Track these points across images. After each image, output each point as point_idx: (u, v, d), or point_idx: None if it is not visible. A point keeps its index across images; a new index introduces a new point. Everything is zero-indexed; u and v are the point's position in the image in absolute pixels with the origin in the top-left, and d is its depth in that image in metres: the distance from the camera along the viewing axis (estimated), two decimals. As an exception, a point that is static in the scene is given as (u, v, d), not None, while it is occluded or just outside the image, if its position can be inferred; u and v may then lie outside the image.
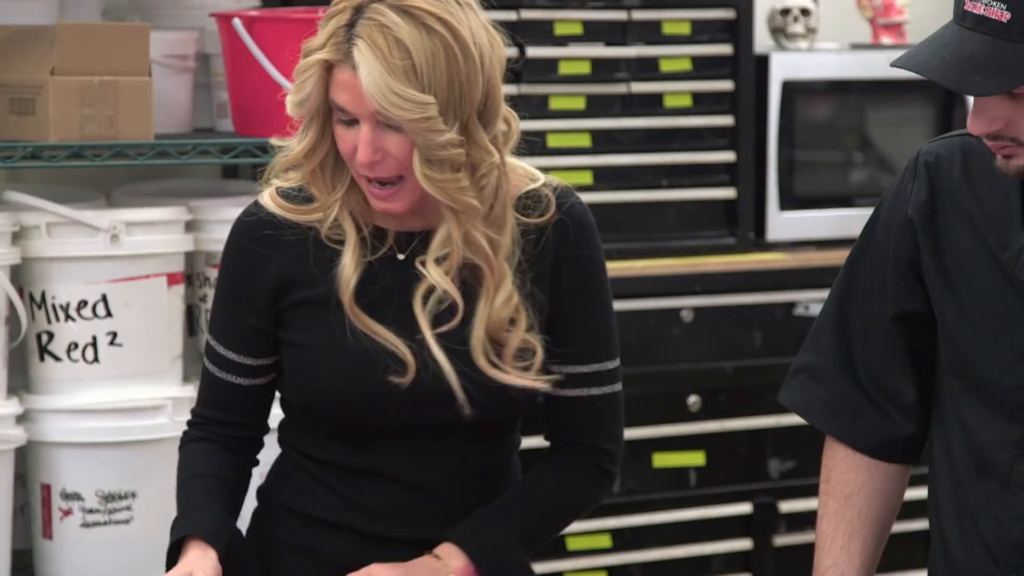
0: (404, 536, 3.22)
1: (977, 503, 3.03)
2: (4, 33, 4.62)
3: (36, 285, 4.56)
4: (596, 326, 3.27)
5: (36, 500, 4.60)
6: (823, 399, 3.23)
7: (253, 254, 3.22)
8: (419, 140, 3.06)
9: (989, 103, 2.85)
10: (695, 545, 5.34)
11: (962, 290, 3.04)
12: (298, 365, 3.22)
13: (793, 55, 5.53)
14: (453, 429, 3.19)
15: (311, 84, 3.09)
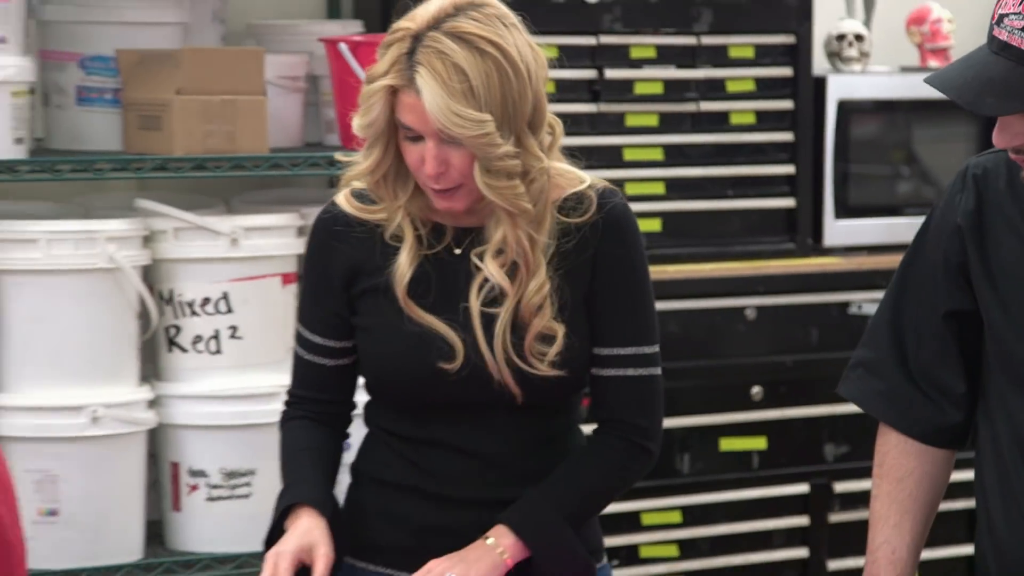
0: (469, 497, 3.23)
1: (1021, 487, 3.02)
2: (133, 57, 4.65)
3: (164, 284, 4.61)
4: (634, 313, 3.25)
5: (166, 477, 4.65)
6: (879, 391, 3.21)
7: (329, 247, 3.27)
8: (479, 153, 3.09)
9: (1011, 121, 2.85)
10: (757, 521, 5.35)
11: (1007, 292, 3.03)
12: (366, 347, 3.27)
13: (848, 77, 5.54)
14: (504, 405, 3.20)
15: (378, 107, 3.12)
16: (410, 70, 3.07)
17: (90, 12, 4.73)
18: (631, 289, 3.25)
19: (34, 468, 4.42)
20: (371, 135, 3.16)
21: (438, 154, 3.10)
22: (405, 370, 3.21)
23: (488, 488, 3.23)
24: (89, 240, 4.45)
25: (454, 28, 3.08)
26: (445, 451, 3.23)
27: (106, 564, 4.48)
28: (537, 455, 3.26)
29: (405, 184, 3.20)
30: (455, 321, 3.17)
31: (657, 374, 3.28)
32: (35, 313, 4.46)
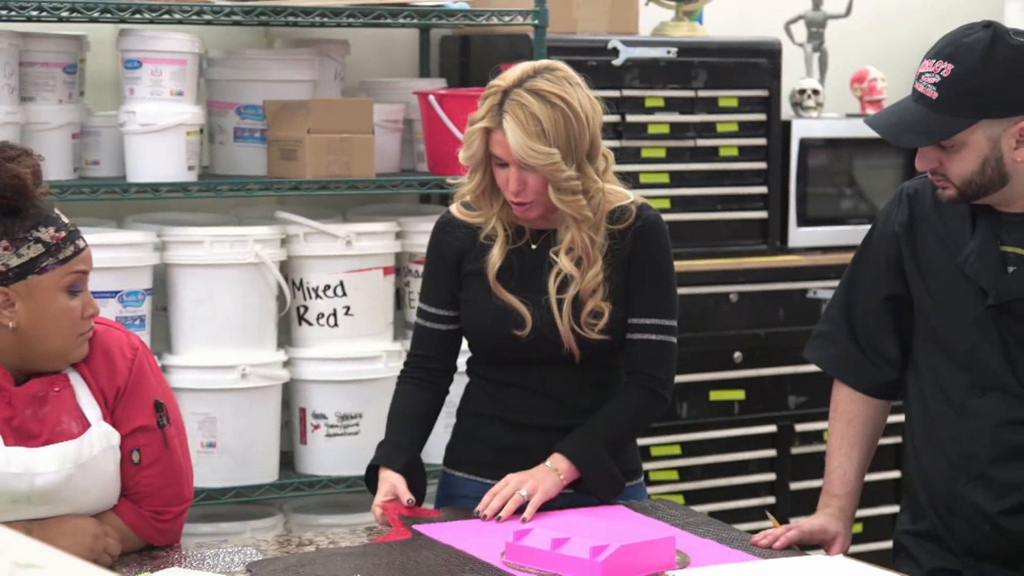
0: (535, 424, 3.32)
1: (940, 425, 3.01)
2: (276, 106, 4.61)
3: (296, 275, 4.53)
4: (659, 294, 3.33)
5: (295, 418, 4.59)
6: (834, 355, 3.20)
7: (444, 240, 3.39)
8: (550, 177, 3.20)
9: (926, 151, 2.89)
10: (737, 453, 5.26)
11: (931, 280, 3.02)
12: (465, 315, 3.37)
13: (807, 121, 5.44)
14: (563, 360, 3.30)
15: (477, 143, 3.25)
16: (499, 116, 3.21)
17: (244, 72, 4.70)
18: (658, 276, 3.32)
19: (198, 411, 4.37)
20: (472, 163, 3.29)
21: (519, 177, 3.22)
22: (490, 333, 3.33)
23: (550, 418, 3.32)
24: (241, 242, 4.39)
25: (533, 87, 3.21)
26: (520, 390, 3.33)
27: (250, 484, 4.44)
28: (587, 396, 3.32)
29: (498, 198, 3.31)
30: (530, 299, 3.28)
31: (673, 341, 3.35)
32: (199, 296, 4.40)
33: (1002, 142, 2.82)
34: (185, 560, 2.95)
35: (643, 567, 2.84)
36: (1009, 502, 2.90)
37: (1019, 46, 2.82)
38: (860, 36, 5.87)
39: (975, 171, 2.84)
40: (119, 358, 3.00)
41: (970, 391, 2.94)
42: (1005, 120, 2.81)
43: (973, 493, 2.94)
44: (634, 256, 3.29)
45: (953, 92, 2.81)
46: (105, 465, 2.94)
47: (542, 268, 3.29)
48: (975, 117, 2.81)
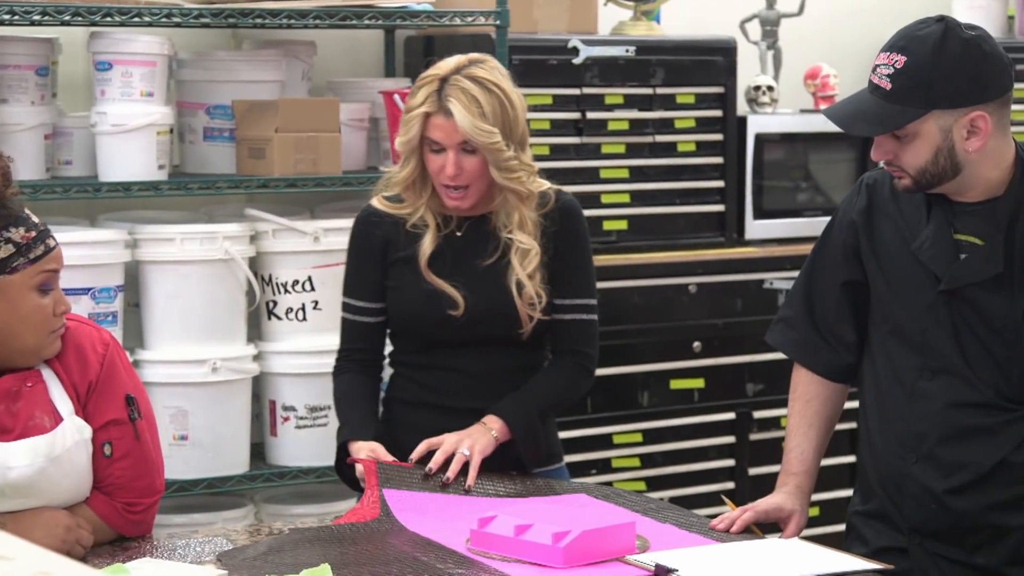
0: (465, 407, 3.33)
1: (892, 407, 3.02)
2: (245, 106, 4.59)
3: (265, 270, 4.52)
4: (582, 274, 3.40)
5: (265, 410, 4.58)
6: (794, 339, 3.21)
7: (368, 233, 3.41)
8: (491, 157, 3.26)
9: (882, 140, 2.91)
10: (697, 440, 5.24)
11: (887, 267, 3.03)
12: (395, 302, 3.38)
13: (762, 117, 5.42)
14: (494, 340, 3.34)
15: (415, 128, 3.29)
16: (441, 100, 3.25)
17: (213, 73, 4.68)
18: (580, 258, 3.40)
19: (170, 405, 4.36)
20: (407, 150, 3.32)
21: (456, 161, 3.27)
22: (422, 315, 3.32)
23: (480, 400, 3.33)
24: (211, 239, 4.37)
25: (470, 74, 3.28)
26: (450, 373, 3.35)
27: (222, 475, 4.42)
28: (516, 378, 3.36)
29: (426, 187, 3.35)
30: (461, 283, 3.31)
31: (596, 319, 3.42)
32: (170, 292, 4.38)
33: (954, 132, 2.84)
34: (156, 550, 2.94)
35: (604, 552, 2.84)
36: (955, 481, 2.92)
37: (970, 39, 2.84)
38: (813, 34, 5.87)
39: (928, 161, 2.86)
40: (91, 353, 2.98)
41: (921, 374, 2.95)
42: (956, 111, 2.83)
43: (921, 472, 2.95)
44: (557, 239, 3.35)
45: (906, 83, 2.83)
46: (77, 458, 2.92)
47: (475, 251, 3.33)
48: (927, 107, 2.82)
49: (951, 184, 2.90)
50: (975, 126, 2.84)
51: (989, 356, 2.89)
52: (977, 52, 2.83)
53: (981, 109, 2.84)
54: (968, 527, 2.93)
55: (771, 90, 5.50)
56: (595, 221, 5.07)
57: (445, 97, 3.26)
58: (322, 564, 2.75)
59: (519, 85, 3.38)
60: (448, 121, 3.25)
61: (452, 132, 3.26)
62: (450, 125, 3.25)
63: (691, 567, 2.76)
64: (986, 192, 2.90)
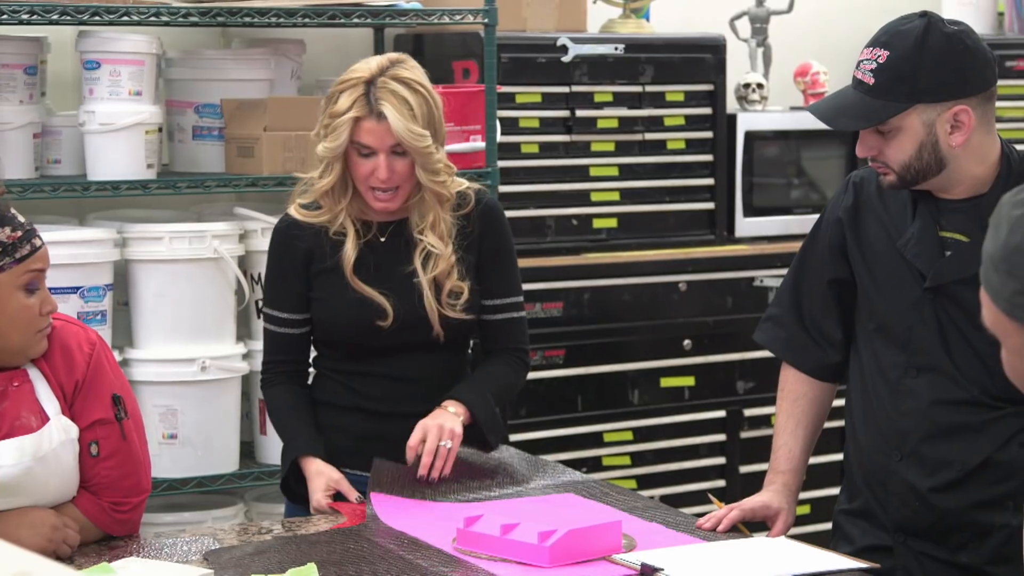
0: (398, 411, 3.30)
1: (877, 404, 3.02)
2: (234, 104, 4.58)
3: (255, 269, 4.52)
4: (507, 274, 3.38)
5: (255, 409, 4.58)
6: (782, 338, 3.21)
7: (289, 244, 3.34)
8: (421, 160, 3.22)
9: (866, 136, 2.91)
10: (688, 438, 5.25)
11: (873, 264, 3.03)
12: (320, 312, 3.32)
13: (752, 114, 5.43)
14: (424, 345, 3.30)
15: (344, 134, 3.22)
16: (372, 104, 3.20)
17: (203, 72, 4.68)
18: (505, 258, 3.38)
19: (159, 404, 4.36)
20: (332, 156, 3.25)
21: (388, 164, 3.21)
22: (351, 326, 3.27)
23: (411, 404, 3.29)
24: (200, 237, 4.38)
25: (395, 75, 3.23)
26: (380, 379, 3.31)
27: (211, 473, 4.42)
28: (446, 380, 3.32)
29: (345, 193, 3.29)
30: (389, 289, 3.27)
31: (524, 314, 3.47)
32: (159, 291, 4.38)
33: (937, 127, 2.85)
34: (143, 550, 2.94)
35: (590, 551, 2.84)
36: (939, 479, 2.92)
37: (952, 34, 2.86)
38: (802, 31, 5.88)
39: (912, 156, 2.86)
40: (77, 353, 2.98)
41: (906, 371, 2.95)
42: (939, 105, 2.84)
43: (905, 470, 2.95)
44: (482, 239, 3.34)
45: (888, 77, 2.83)
46: (64, 458, 2.92)
47: (397, 257, 3.30)
48: (910, 102, 2.83)
49: (936, 180, 2.90)
50: (958, 120, 2.84)
51: (974, 354, 2.89)
52: (960, 46, 2.84)
53: (964, 103, 2.84)
54: (952, 525, 2.93)
55: (761, 87, 5.50)
56: (585, 219, 5.08)
57: (376, 100, 3.20)
58: (308, 564, 2.76)
59: (509, 83, 3.36)
60: (380, 125, 3.20)
61: (384, 135, 3.20)
62: (382, 128, 3.20)
63: (677, 566, 2.76)
64: (971, 189, 2.91)
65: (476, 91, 4.64)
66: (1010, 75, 5.60)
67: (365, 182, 3.24)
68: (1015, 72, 5.61)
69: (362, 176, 3.24)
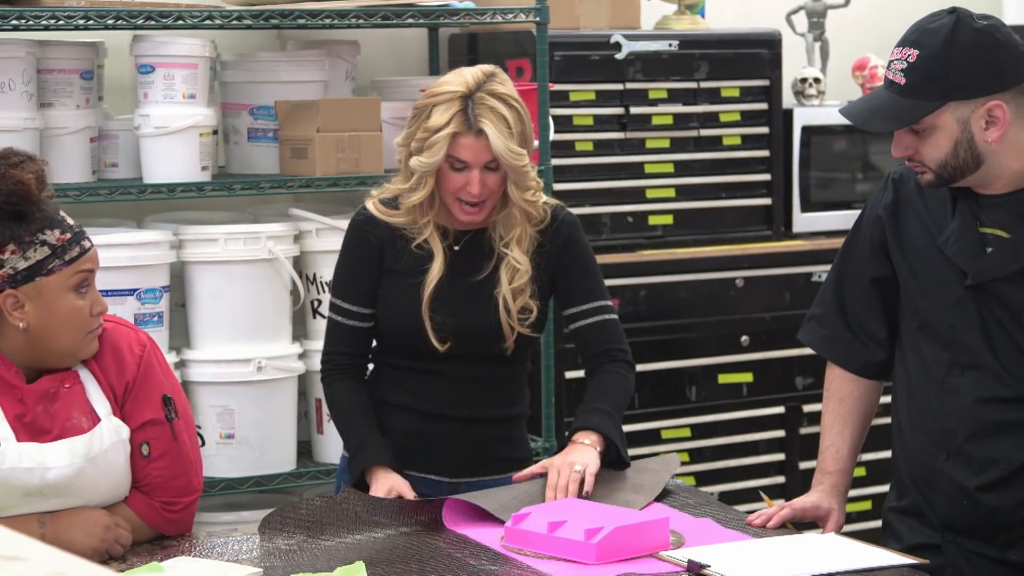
0: (451, 415, 3.31)
1: (923, 403, 3.00)
2: (287, 106, 4.61)
3: (310, 269, 4.55)
4: (591, 282, 3.35)
5: (312, 409, 4.60)
6: (825, 336, 3.20)
7: (364, 238, 3.34)
8: (516, 177, 3.22)
9: (900, 136, 2.89)
10: (747, 435, 5.24)
11: (914, 262, 3.01)
12: (387, 313, 3.31)
13: (809, 109, 5.41)
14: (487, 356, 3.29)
15: (442, 151, 3.20)
16: (471, 120, 3.17)
17: (257, 75, 4.70)
18: (587, 268, 3.35)
19: (216, 404, 4.39)
20: (427, 171, 3.23)
21: (481, 179, 3.20)
22: (416, 335, 3.26)
23: (464, 409, 3.30)
24: (255, 239, 4.40)
25: (492, 90, 3.21)
26: (439, 380, 3.30)
27: (269, 473, 4.45)
28: (502, 389, 3.34)
29: (433, 205, 3.28)
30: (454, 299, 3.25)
31: (616, 318, 3.38)
32: (215, 292, 4.41)
33: (972, 123, 2.82)
34: (195, 549, 2.96)
35: (638, 548, 2.84)
36: (986, 477, 2.90)
37: (981, 29, 2.83)
38: (860, 24, 5.85)
39: (949, 154, 2.84)
40: (127, 354, 3.01)
41: (950, 369, 2.93)
42: (972, 102, 2.81)
43: (952, 469, 2.93)
44: (559, 256, 3.31)
45: (919, 76, 2.81)
46: (115, 458, 2.95)
47: (472, 267, 3.28)
48: (942, 100, 2.81)
49: (975, 176, 2.87)
50: (993, 116, 2.82)
51: (1018, 350, 2.86)
52: (990, 41, 2.81)
53: (997, 98, 2.81)
54: (1000, 523, 2.90)
55: (818, 82, 5.48)
56: (640, 216, 5.08)
57: (475, 117, 3.18)
58: (356, 562, 2.77)
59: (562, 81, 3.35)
60: (478, 141, 3.19)
61: (481, 152, 3.19)
62: (480, 145, 3.19)
63: (724, 562, 2.76)
64: (1011, 184, 2.88)
65: (529, 89, 4.65)
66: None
67: (454, 194, 3.23)
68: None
69: (452, 189, 3.23)
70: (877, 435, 3.38)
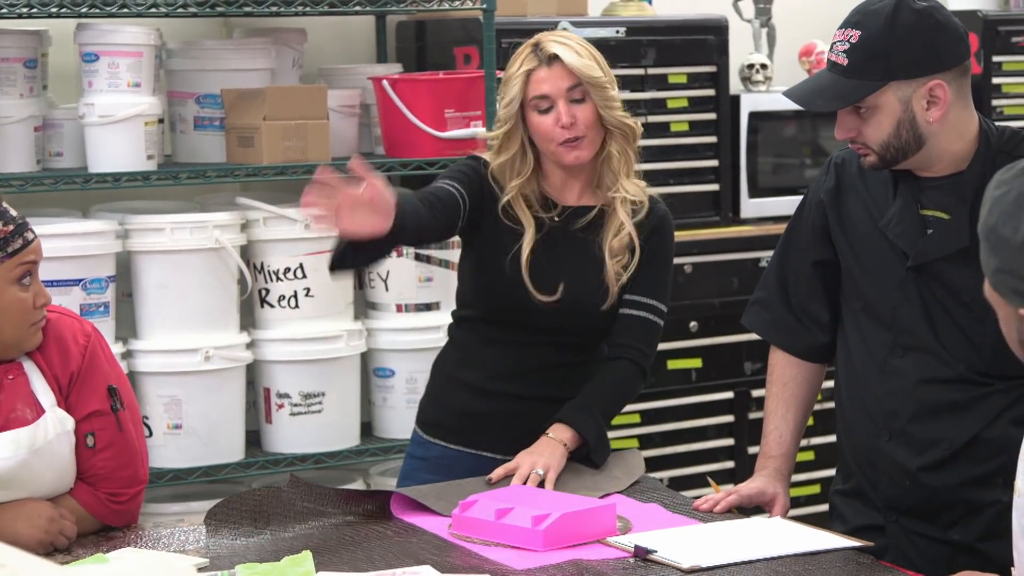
0: (507, 392, 3.31)
1: (865, 385, 3.02)
2: (234, 94, 4.59)
3: (257, 258, 4.53)
4: (660, 279, 3.36)
5: (260, 398, 4.59)
6: (769, 320, 3.23)
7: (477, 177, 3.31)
8: (599, 96, 3.25)
9: (843, 118, 2.92)
10: (696, 420, 5.26)
11: (856, 245, 3.04)
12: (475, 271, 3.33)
13: (756, 95, 5.42)
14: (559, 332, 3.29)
15: (516, 88, 3.24)
16: (541, 55, 3.23)
17: (203, 63, 4.68)
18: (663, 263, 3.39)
19: (164, 394, 4.37)
20: (508, 113, 3.24)
21: (568, 110, 3.20)
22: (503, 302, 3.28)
23: (520, 388, 3.30)
24: (201, 228, 4.38)
25: (559, 35, 3.30)
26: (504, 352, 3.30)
27: (217, 463, 4.43)
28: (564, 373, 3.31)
29: (524, 166, 3.27)
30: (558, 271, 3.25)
31: (661, 324, 3.37)
32: (162, 281, 4.39)
33: (913, 103, 2.85)
34: (141, 540, 2.96)
35: (585, 534, 2.85)
36: (928, 458, 2.92)
37: (922, 10, 2.87)
38: (806, 10, 5.86)
39: (891, 134, 2.86)
40: (72, 345, 3.00)
41: (893, 351, 2.96)
42: (914, 81, 2.84)
43: (895, 450, 2.95)
44: (647, 247, 3.32)
45: (862, 56, 2.84)
46: (60, 449, 2.94)
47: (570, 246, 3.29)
48: (884, 79, 2.83)
49: (916, 158, 2.90)
50: (934, 95, 2.84)
51: (960, 331, 2.89)
52: (931, 21, 2.85)
53: (939, 78, 2.84)
54: (942, 503, 2.93)
55: (764, 68, 5.49)
56: (589, 203, 5.08)
57: (543, 49, 3.24)
58: (303, 551, 2.78)
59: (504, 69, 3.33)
60: (552, 69, 3.23)
61: (558, 79, 3.23)
62: (555, 74, 3.22)
63: (671, 547, 2.78)
64: (951, 166, 2.90)
65: (476, 77, 4.65)
66: (1015, 51, 5.58)
67: (551, 139, 3.24)
68: (1020, 48, 5.59)
69: (545, 132, 3.24)
70: (826, 419, 3.40)
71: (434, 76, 4.73)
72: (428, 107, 4.60)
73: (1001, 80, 5.56)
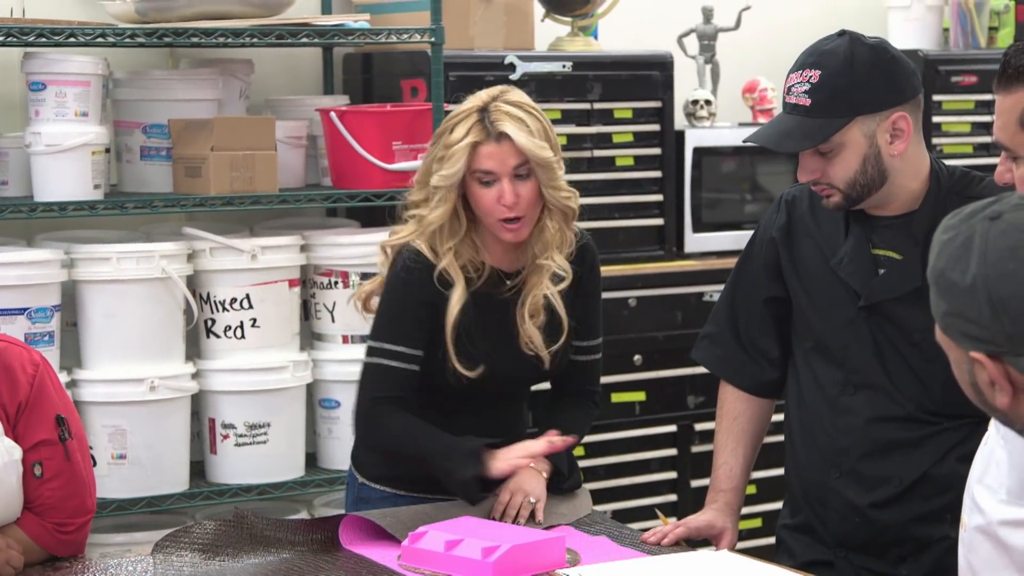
0: None
1: (816, 421, 3.03)
2: (181, 124, 4.57)
3: (203, 288, 4.50)
4: (597, 317, 3.37)
5: (205, 429, 4.56)
6: (719, 356, 3.23)
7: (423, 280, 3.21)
8: (545, 176, 3.13)
9: (806, 160, 2.91)
10: (639, 453, 5.26)
11: (807, 282, 3.05)
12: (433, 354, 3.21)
13: (700, 131, 5.44)
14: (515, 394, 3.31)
15: (460, 161, 3.10)
16: (489, 128, 3.09)
17: (150, 93, 4.66)
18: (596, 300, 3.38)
19: (108, 424, 4.33)
20: (447, 186, 3.12)
21: (512, 188, 3.10)
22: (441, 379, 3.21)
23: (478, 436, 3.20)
24: (148, 257, 4.35)
25: (508, 100, 3.15)
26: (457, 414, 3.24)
27: (161, 493, 4.39)
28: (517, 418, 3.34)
29: (456, 232, 3.17)
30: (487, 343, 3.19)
31: (601, 358, 3.39)
32: (107, 311, 4.36)
33: (878, 137, 2.88)
34: (88, 570, 2.94)
35: (534, 566, 2.85)
36: (878, 495, 2.94)
37: (875, 45, 2.92)
38: (750, 48, 5.90)
39: (857, 171, 2.88)
40: (20, 374, 2.97)
41: (844, 389, 2.97)
42: (878, 115, 2.87)
43: (845, 487, 2.97)
44: (580, 282, 3.29)
45: (826, 95, 2.86)
46: (7, 479, 2.91)
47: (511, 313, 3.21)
48: (850, 114, 2.86)
49: (876, 196, 2.92)
50: (897, 128, 2.88)
51: (910, 370, 2.91)
52: (886, 56, 2.90)
53: (901, 110, 2.88)
54: (892, 540, 2.95)
55: (709, 104, 5.53)
56: (534, 236, 5.08)
57: (492, 123, 3.11)
58: (251, 582, 2.76)
59: (457, 102, 3.29)
60: (500, 147, 3.10)
61: (506, 157, 3.11)
62: (503, 151, 3.11)
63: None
64: (904, 205, 2.93)
65: (423, 109, 4.66)
66: (955, 90, 5.64)
67: (491, 214, 3.13)
68: (960, 87, 5.65)
69: (487, 207, 3.12)
70: (769, 453, 3.41)
71: (382, 108, 4.73)
72: (376, 139, 4.60)
73: (941, 119, 5.62)
